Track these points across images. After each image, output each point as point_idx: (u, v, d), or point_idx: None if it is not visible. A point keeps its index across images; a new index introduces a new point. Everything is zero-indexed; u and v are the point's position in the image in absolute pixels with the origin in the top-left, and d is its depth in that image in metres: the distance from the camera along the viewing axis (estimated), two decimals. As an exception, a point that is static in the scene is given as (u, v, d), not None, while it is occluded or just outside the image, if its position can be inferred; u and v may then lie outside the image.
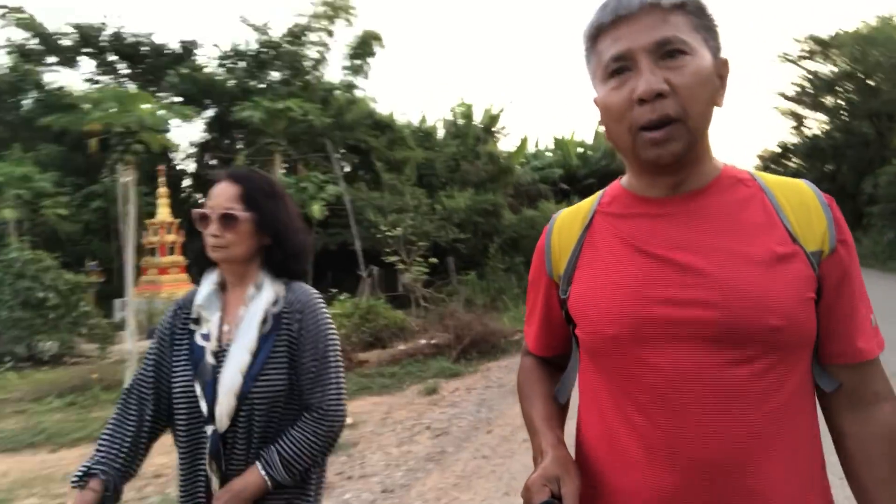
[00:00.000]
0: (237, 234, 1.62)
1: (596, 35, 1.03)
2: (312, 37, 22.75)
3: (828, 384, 1.04)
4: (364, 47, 23.36)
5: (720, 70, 1.02)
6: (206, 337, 1.63)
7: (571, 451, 1.09)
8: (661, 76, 0.94)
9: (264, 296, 1.63)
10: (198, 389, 1.57)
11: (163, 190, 16.51)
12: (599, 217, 1.13)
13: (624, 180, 1.14)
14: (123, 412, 1.65)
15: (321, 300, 1.69)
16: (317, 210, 16.03)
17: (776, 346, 0.94)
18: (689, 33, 0.97)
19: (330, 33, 23.14)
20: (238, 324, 1.61)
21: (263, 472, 1.52)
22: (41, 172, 16.07)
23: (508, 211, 21.50)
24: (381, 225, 15.61)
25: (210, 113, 21.59)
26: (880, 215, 27.36)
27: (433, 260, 15.38)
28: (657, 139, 0.95)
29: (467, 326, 9.75)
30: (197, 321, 1.67)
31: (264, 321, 1.61)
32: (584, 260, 1.11)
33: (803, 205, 1.02)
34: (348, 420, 6.41)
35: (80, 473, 1.54)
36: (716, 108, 1.02)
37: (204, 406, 1.55)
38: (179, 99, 20.15)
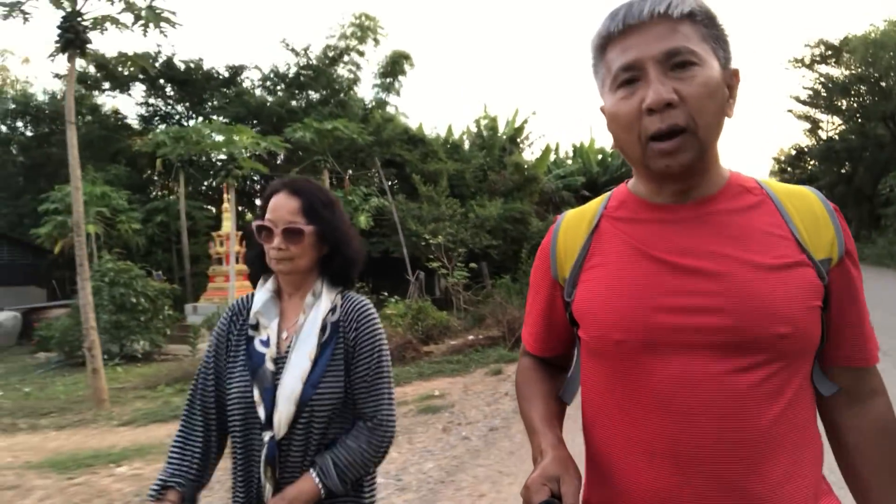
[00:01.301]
0: (301, 247, 1.64)
1: (605, 44, 1.03)
2: (345, 57, 24.61)
3: (827, 388, 1.06)
4: (395, 66, 25.16)
5: (729, 80, 1.03)
6: (265, 343, 1.65)
7: (572, 451, 1.08)
8: (670, 86, 0.95)
9: (323, 304, 1.66)
10: (256, 395, 1.59)
11: (226, 205, 18.29)
12: (606, 221, 1.13)
13: (631, 184, 1.14)
14: (189, 422, 1.70)
15: (374, 310, 1.72)
16: (363, 221, 17.70)
17: (782, 353, 0.95)
18: (699, 43, 0.97)
19: (361, 53, 25.01)
20: (297, 331, 1.64)
21: (317, 480, 1.54)
22: (114, 191, 17.89)
23: (535, 218, 23.04)
24: (424, 234, 17.23)
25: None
26: (893, 216, 28.59)
27: (473, 265, 16.98)
28: (667, 149, 0.96)
29: (518, 320, 11.34)
30: (255, 327, 1.69)
31: (323, 329, 1.64)
32: (591, 263, 1.11)
33: (811, 213, 1.02)
34: (436, 392, 8.02)
35: (157, 486, 1.61)
36: (726, 119, 1.02)
37: (262, 412, 1.57)
38: (226, 120, 22.08)
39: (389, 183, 22.33)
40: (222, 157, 12.54)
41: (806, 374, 1.02)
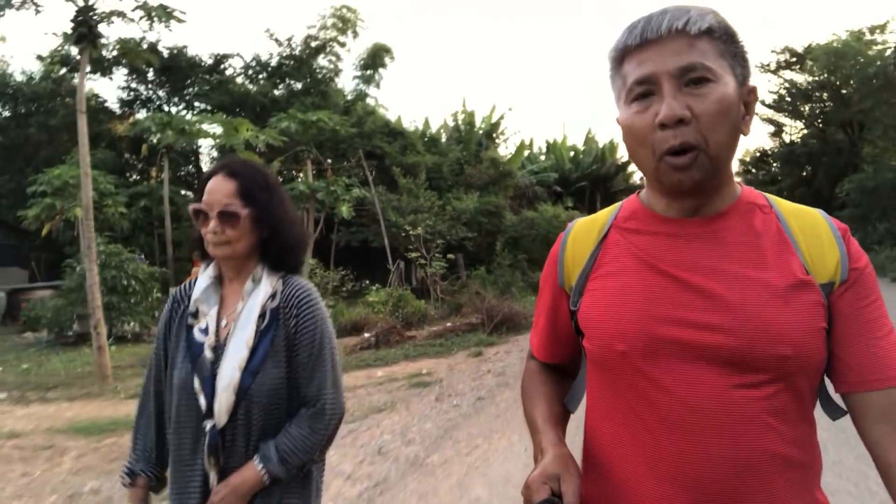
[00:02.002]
0: (238, 231, 1.61)
1: (622, 57, 1.04)
2: (326, 48, 25.20)
3: (833, 412, 1.06)
4: (375, 59, 25.81)
5: (746, 98, 1.03)
6: (203, 331, 1.64)
7: (574, 452, 1.08)
8: (683, 102, 0.96)
9: (262, 290, 1.64)
10: (196, 384, 1.58)
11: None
12: (615, 231, 1.14)
13: (643, 196, 1.15)
14: (144, 409, 1.74)
15: (317, 295, 1.70)
16: (345, 210, 18.40)
17: (784, 373, 0.96)
18: (715, 60, 0.98)
19: (342, 44, 25.61)
20: (236, 318, 1.62)
21: (261, 467, 1.54)
22: (101, 175, 18.30)
23: (510, 212, 23.99)
24: (404, 225, 18.06)
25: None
26: (849, 219, 30.33)
27: (450, 256, 17.87)
28: (679, 165, 0.97)
29: (496, 308, 12.30)
30: (195, 315, 1.68)
31: (262, 316, 1.62)
32: (598, 273, 1.12)
33: (816, 236, 1.02)
34: (423, 370, 8.90)
35: (126, 473, 1.70)
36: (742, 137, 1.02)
37: (203, 401, 1.57)
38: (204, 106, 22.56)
39: (362, 172, 23.05)
40: (208, 143, 13.36)
41: (809, 396, 1.01)
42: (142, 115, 25.00)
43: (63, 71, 23.29)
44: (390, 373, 9.15)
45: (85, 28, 9.48)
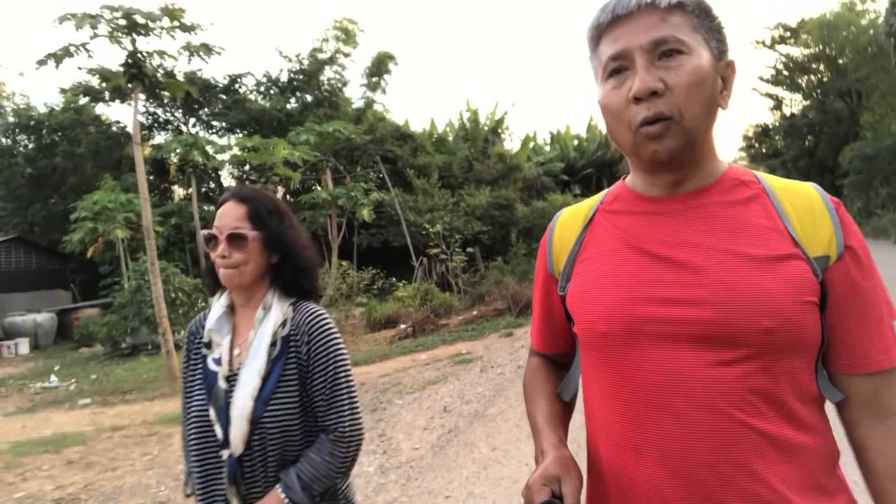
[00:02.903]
0: (245, 254, 1.64)
1: (597, 36, 1.06)
2: (333, 61, 26.43)
3: (833, 395, 1.03)
4: (380, 66, 27.01)
5: (723, 71, 1.03)
6: (217, 361, 1.67)
7: (573, 448, 1.09)
8: (656, 75, 0.97)
9: (272, 318, 1.66)
10: (212, 414, 1.61)
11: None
12: (601, 215, 1.16)
13: (628, 180, 1.16)
14: (186, 433, 1.74)
15: (329, 320, 1.71)
16: (366, 214, 19.58)
17: (768, 348, 0.94)
18: (688, 33, 0.99)
19: (346, 55, 26.83)
20: (247, 347, 1.64)
21: (283, 496, 1.56)
22: (135, 197, 19.57)
23: (521, 204, 25.08)
24: (424, 223, 19.22)
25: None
26: (851, 186, 31.26)
27: (470, 250, 19.02)
28: (653, 133, 0.97)
29: (519, 293, 13.47)
30: (208, 345, 1.71)
31: (273, 344, 1.64)
32: (583, 256, 1.14)
33: (808, 209, 1.01)
34: (463, 351, 10.05)
35: (187, 486, 1.73)
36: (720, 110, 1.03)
37: (219, 431, 1.59)
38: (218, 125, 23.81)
39: (377, 177, 24.18)
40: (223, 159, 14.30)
41: (805, 376, 0.98)
42: (160, 138, 26.38)
43: (85, 100, 24.57)
44: (432, 356, 10.33)
45: (136, 69, 10.67)
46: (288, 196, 22.23)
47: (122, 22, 10.76)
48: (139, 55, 10.88)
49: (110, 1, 10.42)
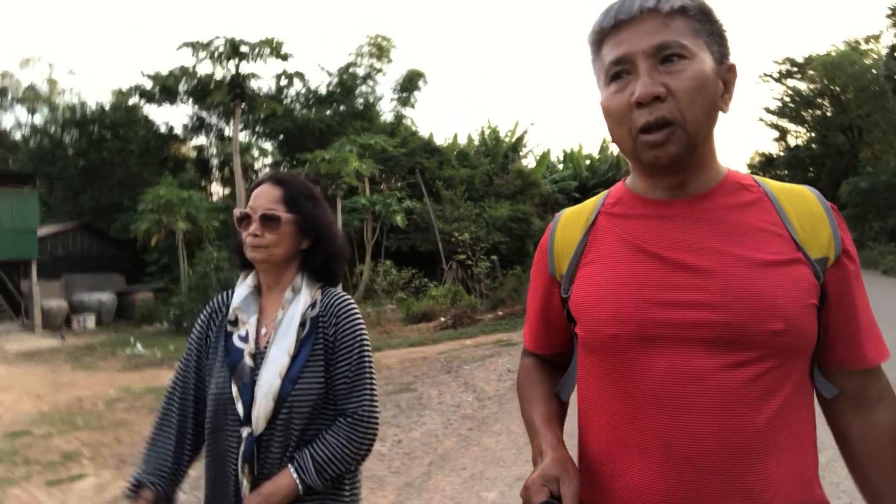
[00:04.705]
0: (278, 235, 1.66)
1: (600, 40, 1.07)
2: (362, 72, 28.88)
3: (828, 391, 1.07)
4: (411, 83, 29.46)
5: (725, 76, 1.05)
6: (243, 339, 1.68)
7: (572, 449, 1.11)
8: (658, 80, 0.98)
9: (302, 299, 1.68)
10: (234, 391, 1.62)
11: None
12: (603, 217, 1.16)
13: (628, 181, 1.17)
14: (165, 418, 1.73)
15: (356, 306, 1.74)
16: (399, 220, 21.91)
17: (776, 350, 0.97)
18: (690, 38, 1.00)
19: (379, 70, 29.28)
20: (276, 327, 1.67)
21: (295, 476, 1.56)
22: (194, 193, 21.95)
23: (537, 218, 27.37)
24: (453, 232, 21.54)
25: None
26: (847, 218, 33.09)
27: (494, 257, 21.34)
28: (654, 141, 0.99)
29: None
30: (234, 323, 1.72)
31: (302, 325, 1.66)
32: (587, 259, 1.14)
33: (808, 212, 1.04)
34: (503, 338, 12.31)
35: (132, 485, 1.67)
36: (721, 115, 1.05)
37: (240, 408, 1.60)
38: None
39: (407, 186, 26.49)
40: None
41: (803, 374, 1.03)
42: (201, 139, 28.77)
43: (135, 100, 27.01)
44: (477, 342, 12.61)
45: (239, 89, 13.01)
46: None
47: (227, 49, 13.13)
48: (242, 78, 13.23)
49: (221, 30, 12.80)
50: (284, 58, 12.84)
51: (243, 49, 12.60)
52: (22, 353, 15.77)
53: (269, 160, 22.70)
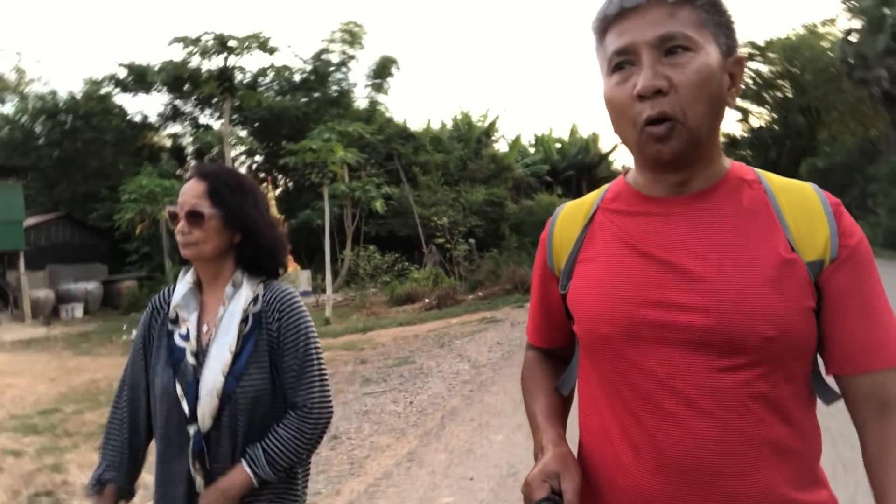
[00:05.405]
0: (204, 231, 1.65)
1: (604, 27, 1.05)
2: (335, 58, 29.41)
3: (826, 397, 1.06)
4: (384, 69, 30.04)
5: (731, 68, 1.03)
6: (184, 337, 1.68)
7: (573, 444, 1.12)
8: (661, 73, 0.97)
9: (243, 294, 1.68)
10: (179, 390, 1.63)
11: (271, 194, 22.92)
12: (602, 213, 1.16)
13: (629, 176, 1.16)
14: (116, 414, 1.75)
15: (299, 299, 1.75)
16: (379, 205, 22.64)
17: (769, 355, 0.96)
18: (696, 29, 0.98)
19: (352, 57, 29.82)
20: (217, 323, 1.66)
21: (249, 470, 1.59)
22: (178, 184, 22.35)
23: (510, 202, 28.33)
24: (431, 216, 22.40)
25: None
26: None
27: (471, 241, 22.26)
28: (657, 133, 0.98)
29: (527, 276, 16.78)
30: (175, 321, 1.71)
31: (245, 320, 1.66)
32: (584, 255, 1.15)
33: (806, 211, 1.02)
34: (488, 316, 13.37)
35: (94, 482, 1.70)
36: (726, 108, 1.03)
37: (186, 406, 1.62)
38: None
39: (385, 172, 27.22)
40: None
41: (801, 379, 1.02)
42: (176, 127, 29.08)
43: (107, 89, 27.22)
44: (462, 320, 13.55)
45: (228, 83, 13.65)
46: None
47: (216, 44, 13.75)
48: (230, 71, 13.86)
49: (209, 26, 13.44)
50: (271, 52, 13.44)
51: (231, 44, 13.13)
52: (18, 342, 16.27)
53: (242, 148, 23.16)
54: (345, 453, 5.31)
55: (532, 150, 38.51)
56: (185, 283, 1.75)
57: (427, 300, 16.68)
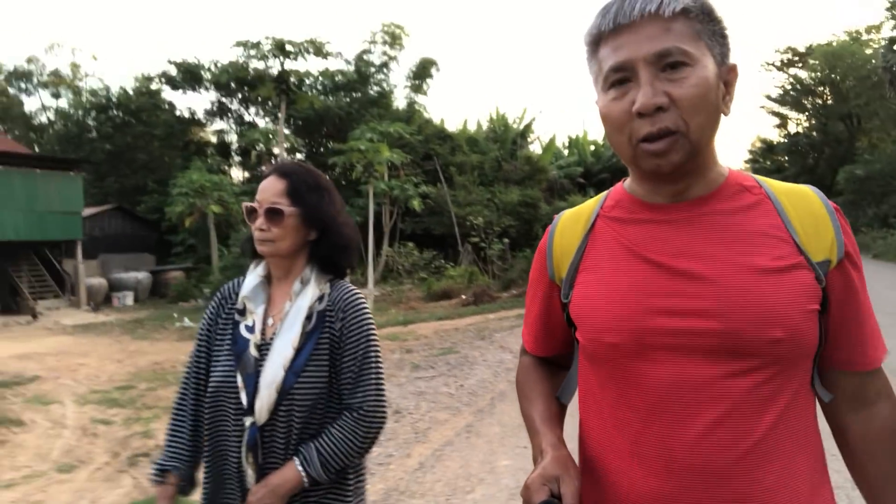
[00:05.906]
0: (283, 229, 1.68)
1: (597, 41, 1.05)
2: (376, 59, 30.23)
3: (825, 394, 1.08)
4: (423, 71, 30.78)
5: (726, 77, 1.04)
6: (250, 329, 1.71)
7: (572, 449, 1.11)
8: (660, 89, 0.97)
9: (310, 292, 1.71)
10: (239, 381, 1.66)
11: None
12: (602, 221, 1.16)
13: (627, 184, 1.16)
14: (181, 405, 1.81)
15: (364, 300, 1.77)
16: (416, 204, 23.36)
17: (777, 357, 0.97)
18: (692, 42, 0.98)
19: (392, 58, 30.60)
20: (283, 318, 1.69)
21: (301, 469, 1.60)
22: (224, 178, 23.43)
23: (544, 203, 28.78)
24: (468, 215, 23.04)
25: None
26: (843, 204, 34.28)
27: (506, 240, 22.86)
28: (656, 150, 0.98)
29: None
30: (242, 312, 1.75)
31: (309, 318, 1.69)
32: (587, 264, 1.14)
33: (810, 213, 1.03)
34: (523, 311, 13.79)
35: (156, 470, 1.75)
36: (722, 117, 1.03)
37: (244, 398, 1.64)
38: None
39: (422, 171, 27.91)
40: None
41: (804, 380, 1.03)
42: (221, 124, 30.18)
43: (158, 86, 28.42)
44: (499, 316, 14.17)
45: (284, 86, 14.45)
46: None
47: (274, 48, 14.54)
48: (286, 74, 14.67)
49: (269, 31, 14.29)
50: (325, 56, 14.21)
51: (289, 48, 13.94)
52: (78, 326, 17.35)
53: (286, 145, 24.06)
54: (408, 425, 5.98)
55: (566, 153, 38.88)
56: (255, 275, 1.79)
57: (464, 296, 17.34)
